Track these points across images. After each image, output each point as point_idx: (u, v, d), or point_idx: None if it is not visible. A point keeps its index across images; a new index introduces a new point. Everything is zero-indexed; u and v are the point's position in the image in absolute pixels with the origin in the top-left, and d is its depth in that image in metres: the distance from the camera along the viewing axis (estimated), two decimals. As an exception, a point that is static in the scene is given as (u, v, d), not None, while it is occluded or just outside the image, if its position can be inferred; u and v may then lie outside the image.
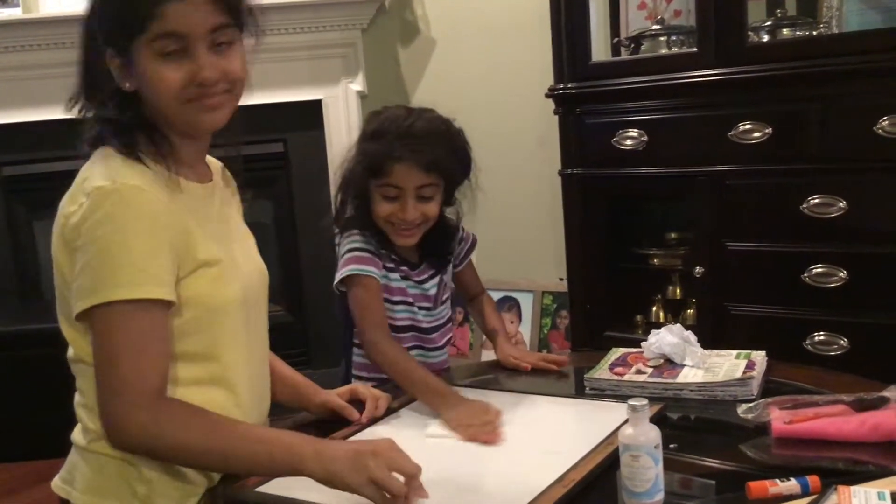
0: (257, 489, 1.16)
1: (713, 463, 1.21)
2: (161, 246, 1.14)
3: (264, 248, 1.44)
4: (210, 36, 1.17)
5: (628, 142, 2.47)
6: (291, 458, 1.10)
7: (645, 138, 2.44)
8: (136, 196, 1.13)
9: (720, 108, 2.31)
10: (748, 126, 2.25)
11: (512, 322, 3.28)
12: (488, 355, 2.89)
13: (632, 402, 1.06)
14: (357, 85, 3.43)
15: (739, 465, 1.20)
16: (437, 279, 1.69)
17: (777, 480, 1.05)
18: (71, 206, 1.15)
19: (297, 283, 3.49)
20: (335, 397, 1.44)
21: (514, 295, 3.28)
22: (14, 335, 3.05)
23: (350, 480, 1.05)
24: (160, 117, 1.21)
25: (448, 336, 1.73)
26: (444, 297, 1.71)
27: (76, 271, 1.13)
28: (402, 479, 1.05)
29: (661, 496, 1.05)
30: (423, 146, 1.53)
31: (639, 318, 2.67)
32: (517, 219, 3.24)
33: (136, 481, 1.20)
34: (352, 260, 1.58)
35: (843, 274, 2.14)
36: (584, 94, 2.55)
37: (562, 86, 2.57)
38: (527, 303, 3.26)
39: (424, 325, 1.67)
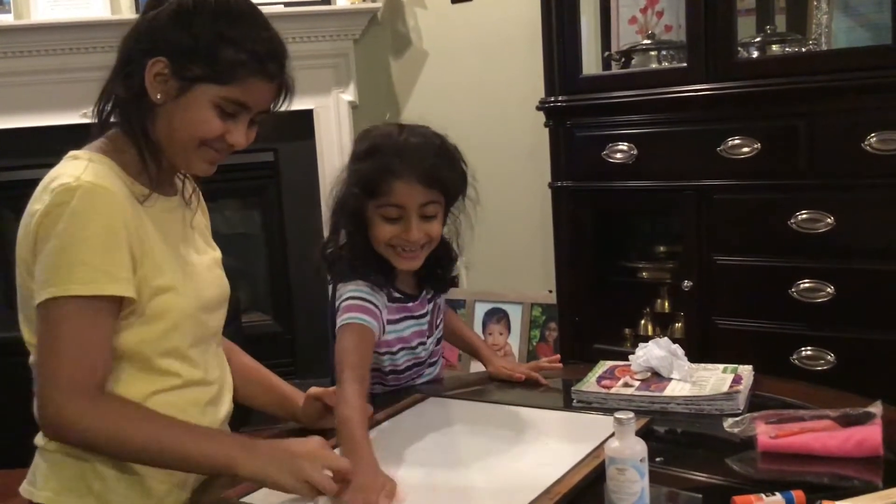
0: (242, 499, 1.15)
1: (699, 476, 1.21)
2: (119, 243, 1.17)
3: (253, 257, 1.44)
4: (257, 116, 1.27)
5: (618, 155, 2.47)
6: (226, 458, 1.14)
7: (634, 152, 2.45)
8: (99, 194, 1.16)
9: (709, 123, 2.32)
10: (737, 141, 2.26)
11: (501, 334, 3.28)
12: (477, 366, 2.89)
13: (618, 415, 1.06)
14: (348, 95, 3.44)
15: (725, 479, 1.20)
16: (432, 305, 1.62)
17: (762, 495, 1.05)
18: (36, 204, 1.17)
19: (286, 293, 3.49)
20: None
21: (503, 306, 3.29)
22: (1, 342, 3.03)
23: (284, 482, 1.11)
24: (169, 142, 1.24)
25: (438, 356, 1.70)
26: (439, 322, 1.66)
27: (36, 265, 1.16)
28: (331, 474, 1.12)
29: (646, 510, 1.05)
30: (421, 160, 1.43)
31: (627, 331, 2.67)
32: (507, 230, 3.24)
33: (91, 478, 1.23)
34: (355, 308, 1.45)
35: (830, 289, 2.15)
36: (575, 107, 2.56)
37: (552, 99, 2.58)
38: (516, 314, 3.26)
39: (423, 357, 1.63)
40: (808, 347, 2.20)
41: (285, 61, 1.27)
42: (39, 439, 1.26)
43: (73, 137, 1.30)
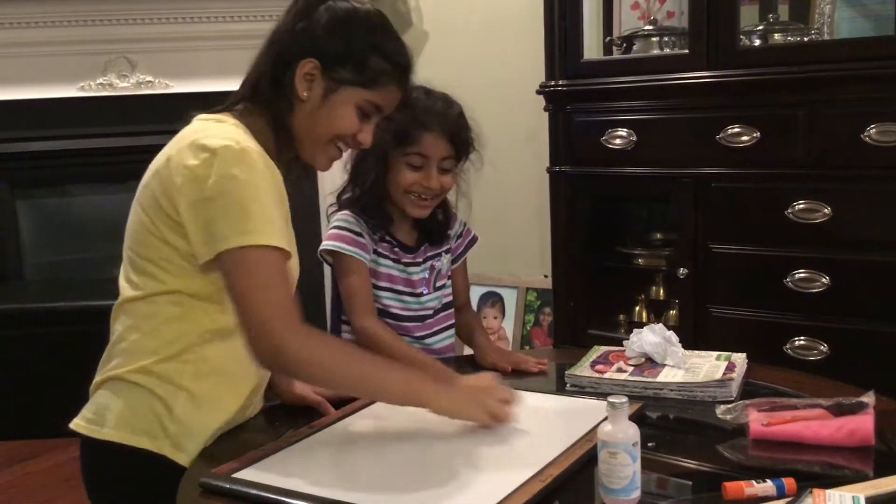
0: (234, 475, 1.15)
1: (690, 463, 1.22)
2: (282, 202, 1.30)
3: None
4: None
5: (617, 141, 2.47)
6: (423, 394, 1.26)
7: (634, 138, 2.44)
8: (259, 156, 1.25)
9: (709, 111, 2.31)
10: (736, 129, 2.25)
11: (495, 318, 3.28)
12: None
13: (611, 399, 1.06)
14: (348, 75, 3.42)
15: (716, 465, 1.21)
16: (427, 265, 1.72)
17: (753, 482, 1.05)
18: (192, 159, 1.23)
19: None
20: (311, 392, 1.45)
21: (497, 290, 3.29)
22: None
23: (474, 415, 1.27)
24: (303, 134, 1.35)
25: (445, 324, 1.76)
26: (439, 285, 1.73)
27: (200, 219, 1.22)
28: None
29: (637, 494, 1.05)
30: (448, 119, 1.64)
31: (622, 317, 2.67)
32: (504, 214, 3.23)
33: (167, 420, 1.27)
34: (340, 237, 1.63)
35: (825, 279, 2.15)
36: (575, 91, 2.55)
37: (552, 83, 2.57)
38: (510, 299, 3.26)
39: (416, 310, 1.68)
40: (802, 337, 2.20)
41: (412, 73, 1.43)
42: (116, 371, 1.30)
43: (70, 110, 1.30)
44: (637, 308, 2.66)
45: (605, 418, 1.06)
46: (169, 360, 1.28)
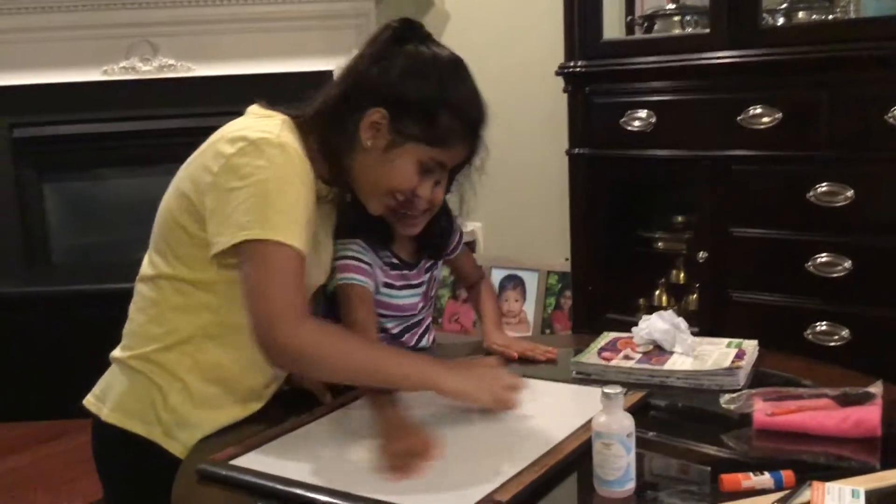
0: (231, 461, 1.16)
1: (693, 452, 1.20)
2: (308, 205, 1.25)
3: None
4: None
5: (636, 123, 2.43)
6: (431, 376, 1.24)
7: (653, 120, 2.40)
8: (296, 155, 1.24)
9: (730, 92, 2.27)
10: (758, 111, 2.21)
11: (517, 301, 3.26)
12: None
13: (606, 389, 1.04)
14: (369, 56, 3.40)
15: (718, 455, 1.19)
16: (429, 276, 1.61)
17: (750, 474, 1.03)
18: (230, 148, 1.22)
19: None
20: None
21: (519, 273, 3.27)
22: (19, 297, 3.07)
23: (481, 398, 1.25)
24: (359, 180, 1.33)
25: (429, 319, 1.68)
26: (433, 293, 1.65)
27: (226, 207, 1.20)
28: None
29: (631, 485, 1.03)
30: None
31: (641, 301, 2.65)
32: (525, 197, 3.21)
33: (161, 408, 1.27)
34: (349, 269, 1.48)
35: (847, 264, 2.11)
36: (594, 72, 2.51)
37: (572, 63, 2.54)
38: (532, 282, 3.24)
39: (412, 323, 1.61)
40: (823, 323, 2.16)
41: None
42: (119, 352, 1.32)
43: (93, 94, 1.30)
44: (657, 292, 2.63)
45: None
46: (169, 349, 1.28)
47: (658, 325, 1.52)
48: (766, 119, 2.20)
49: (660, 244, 2.61)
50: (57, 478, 2.53)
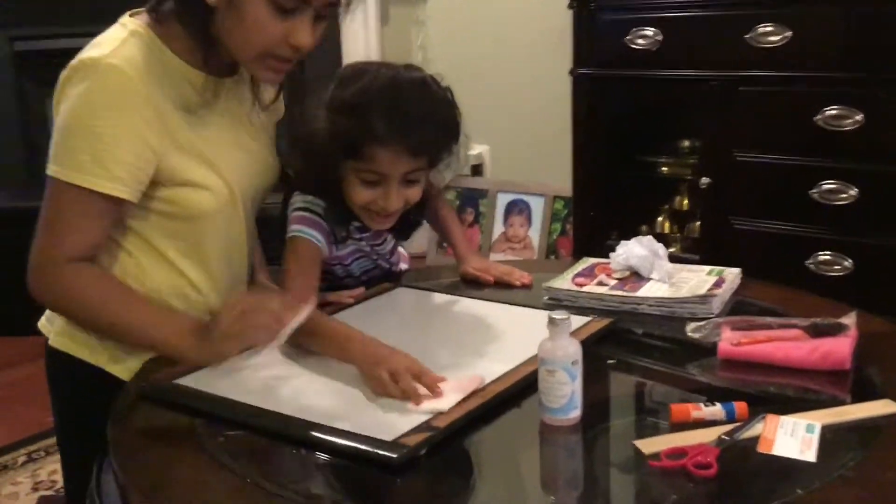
0: (175, 381, 1.13)
1: (652, 383, 1.15)
2: (127, 136, 1.13)
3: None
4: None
5: (641, 41, 2.32)
6: (171, 350, 1.16)
7: (659, 38, 2.30)
8: (115, 77, 1.12)
9: (739, 8, 2.16)
10: (769, 28, 2.10)
11: (522, 226, 3.20)
12: (494, 258, 2.83)
13: (552, 314, 0.99)
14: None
15: (678, 386, 1.14)
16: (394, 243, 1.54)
17: (700, 405, 0.98)
18: (64, 71, 1.15)
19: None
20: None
21: (524, 198, 3.20)
22: (21, 212, 3.06)
23: (195, 357, 1.14)
24: (229, 44, 1.18)
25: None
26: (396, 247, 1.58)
27: (53, 135, 1.15)
28: None
29: (576, 413, 0.99)
30: (412, 127, 1.23)
31: (644, 227, 2.57)
32: (531, 120, 3.11)
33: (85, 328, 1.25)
34: (304, 221, 1.35)
35: (853, 191, 2.02)
36: (600, -13, 2.41)
37: (577, -23, 2.43)
38: (538, 207, 3.17)
39: (380, 263, 1.55)
40: (826, 252, 2.08)
41: None
42: None
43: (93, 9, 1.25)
44: (660, 219, 2.56)
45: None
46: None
47: (635, 250, 1.46)
48: (775, 37, 2.09)
49: (664, 169, 2.53)
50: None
